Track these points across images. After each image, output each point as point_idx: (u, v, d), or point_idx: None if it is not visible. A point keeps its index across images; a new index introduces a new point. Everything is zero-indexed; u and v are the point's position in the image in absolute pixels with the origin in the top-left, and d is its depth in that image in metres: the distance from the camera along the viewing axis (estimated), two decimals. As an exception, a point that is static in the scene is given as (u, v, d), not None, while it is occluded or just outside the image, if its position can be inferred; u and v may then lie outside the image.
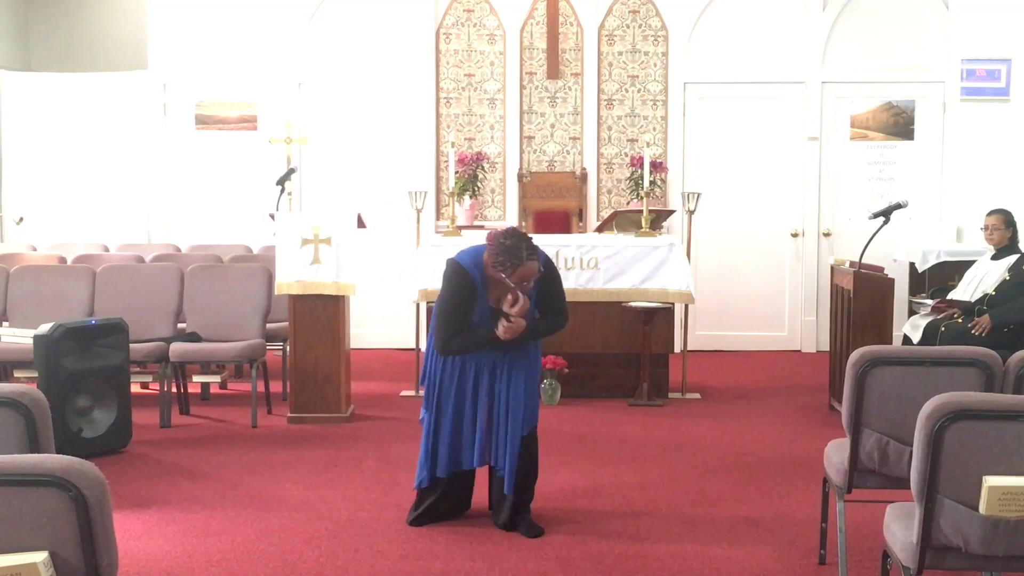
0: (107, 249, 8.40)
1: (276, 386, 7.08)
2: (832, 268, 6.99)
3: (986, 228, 6.64)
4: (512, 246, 4.10)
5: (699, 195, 7.61)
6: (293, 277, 6.33)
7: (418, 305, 7.31)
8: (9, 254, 7.82)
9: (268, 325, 6.79)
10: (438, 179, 9.12)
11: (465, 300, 4.24)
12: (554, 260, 4.88)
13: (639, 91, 9.10)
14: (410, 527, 4.42)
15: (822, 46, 9.01)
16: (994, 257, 6.60)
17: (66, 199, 9.34)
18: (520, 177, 9.03)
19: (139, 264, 7.38)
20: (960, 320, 6.31)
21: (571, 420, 6.41)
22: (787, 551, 4.13)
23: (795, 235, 9.13)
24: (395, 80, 9.16)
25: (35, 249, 8.33)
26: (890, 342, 6.25)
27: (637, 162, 8.10)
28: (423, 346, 7.33)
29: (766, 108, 9.09)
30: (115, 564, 2.28)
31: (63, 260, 7.72)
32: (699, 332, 8.85)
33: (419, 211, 7.51)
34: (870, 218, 6.39)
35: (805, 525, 4.39)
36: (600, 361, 7.04)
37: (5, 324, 6.73)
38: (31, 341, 5.67)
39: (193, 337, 6.53)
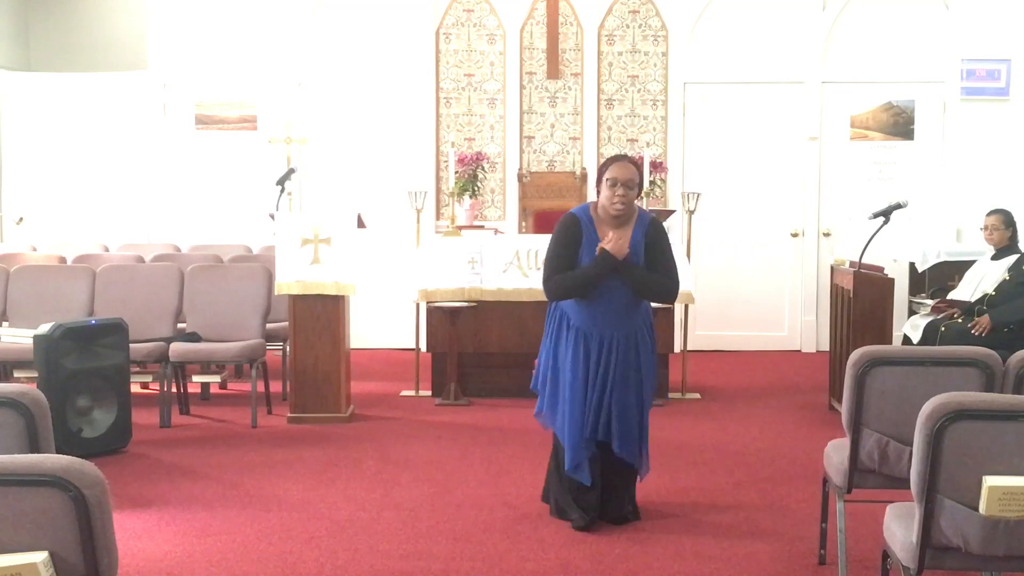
0: (107, 249, 8.40)
1: (276, 386, 7.08)
2: (832, 268, 6.99)
3: (986, 228, 6.63)
4: (613, 155, 4.45)
5: (699, 195, 7.61)
6: (293, 277, 6.33)
7: (418, 305, 7.31)
8: (9, 254, 7.82)
9: (268, 325, 6.79)
10: (438, 179, 9.12)
11: (569, 240, 4.36)
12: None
13: (639, 91, 9.09)
14: (410, 528, 4.41)
15: (822, 46, 9.01)
16: (994, 257, 6.60)
17: (66, 199, 9.34)
18: (520, 177, 9.03)
19: (139, 264, 7.37)
20: (960, 320, 6.31)
21: (571, 420, 6.40)
22: (787, 551, 4.13)
23: (795, 235, 9.13)
24: (395, 80, 9.16)
25: (35, 249, 8.33)
26: (890, 342, 6.25)
27: (637, 162, 8.09)
28: (423, 346, 7.36)
29: (766, 108, 9.09)
30: (115, 564, 2.28)
31: (63, 260, 7.72)
32: (699, 332, 8.85)
33: (419, 211, 7.51)
34: (870, 218, 6.39)
35: (805, 525, 4.38)
36: (600, 361, 7.02)
37: (5, 324, 6.73)
38: (31, 341, 5.67)
39: (193, 337, 6.53)
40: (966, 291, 6.61)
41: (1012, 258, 6.43)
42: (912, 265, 8.19)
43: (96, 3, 9.77)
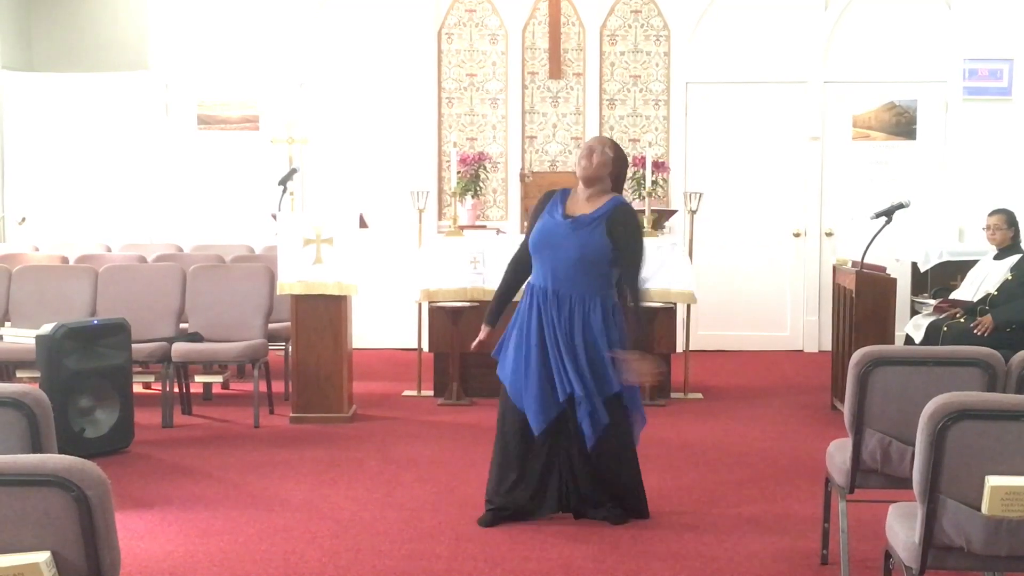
0: (109, 249, 8.40)
1: (278, 386, 7.08)
2: (834, 268, 6.98)
3: (988, 228, 6.63)
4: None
5: (701, 195, 7.61)
6: (295, 277, 6.33)
7: (420, 305, 7.31)
8: (11, 254, 7.82)
9: (270, 325, 6.79)
10: (440, 179, 9.12)
11: (534, 215, 4.49)
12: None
13: (641, 91, 9.09)
14: (412, 528, 4.41)
15: (824, 45, 9.00)
16: (996, 257, 6.59)
17: (68, 199, 9.34)
18: (522, 177, 9.02)
19: (141, 264, 7.38)
20: (962, 320, 6.30)
21: (573, 420, 6.40)
22: (789, 551, 4.12)
23: (797, 235, 9.13)
24: (397, 80, 9.16)
25: (38, 249, 8.33)
26: (892, 342, 6.25)
27: (639, 162, 8.09)
28: (425, 346, 7.36)
29: (768, 108, 9.08)
30: (117, 564, 2.28)
31: (65, 260, 7.72)
32: (701, 332, 8.84)
33: (421, 211, 7.51)
34: (872, 218, 6.38)
35: (807, 525, 4.38)
36: (602, 361, 7.01)
37: (7, 324, 6.72)
38: (33, 341, 5.67)
39: (195, 337, 6.53)
40: (968, 291, 6.61)
41: (1014, 258, 6.42)
42: (914, 265, 8.18)
43: (98, 3, 9.77)
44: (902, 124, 9.06)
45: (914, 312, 7.67)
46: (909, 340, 6.85)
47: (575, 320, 4.31)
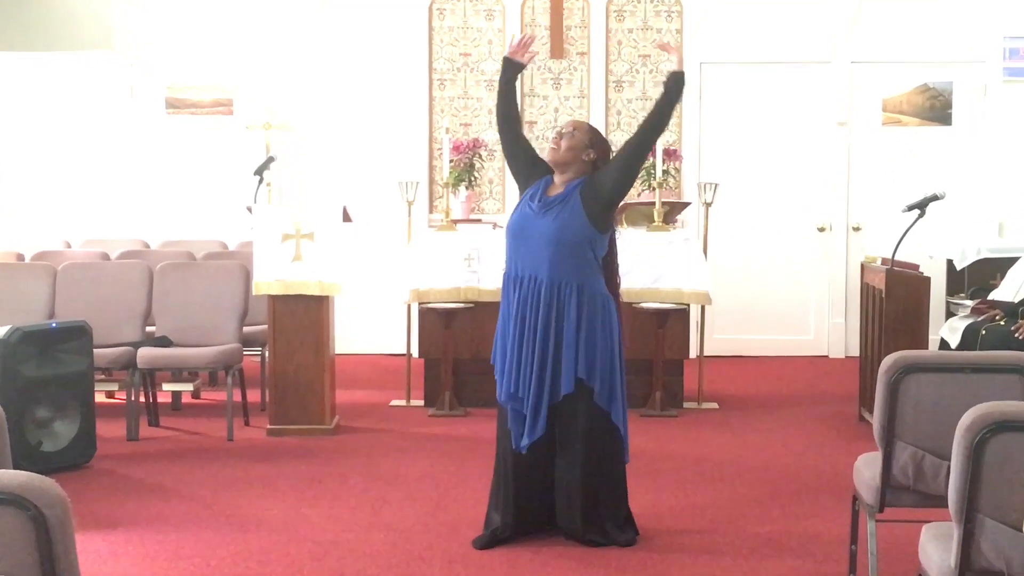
0: (69, 245, 8.41)
1: (254, 395, 7.09)
2: (862, 266, 7.00)
3: (1031, 222, 6.64)
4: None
5: (717, 186, 7.62)
6: (273, 276, 6.34)
7: (409, 306, 7.32)
8: (-38, 251, 7.84)
9: (245, 328, 6.81)
10: (431, 168, 9.12)
11: (536, 173, 4.63)
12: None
13: (651, 72, 9.10)
14: (400, 550, 4.41)
15: (851, 22, 9.01)
16: (1040, 253, 6.61)
17: (23, 191, 9.34)
18: (521, 166, 9.02)
19: (104, 262, 7.39)
20: (1003, 323, 6.31)
21: (577, 432, 6.40)
22: (813, 575, 4.12)
23: (822, 230, 9.14)
24: (384, 60, 9.16)
25: (-10, 246, 8.34)
26: (926, 347, 6.26)
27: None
28: (415, 351, 7.37)
29: (790, 90, 9.10)
30: (78, 590, 2.28)
31: (21, 257, 7.74)
32: (717, 336, 8.86)
33: (411, 203, 7.52)
34: (904, 211, 6.39)
35: (833, 547, 4.39)
36: (608, 367, 7.01)
37: (-43, 327, 6.73)
38: (-14, 346, 5.67)
39: (163, 342, 6.54)
40: (1009, 291, 6.61)
41: (1059, 255, 6.44)
42: (950, 262, 8.20)
43: (57, -24, 9.78)
44: (936, 108, 9.07)
45: (950, 314, 7.69)
46: (944, 345, 6.86)
47: (544, 308, 4.34)
